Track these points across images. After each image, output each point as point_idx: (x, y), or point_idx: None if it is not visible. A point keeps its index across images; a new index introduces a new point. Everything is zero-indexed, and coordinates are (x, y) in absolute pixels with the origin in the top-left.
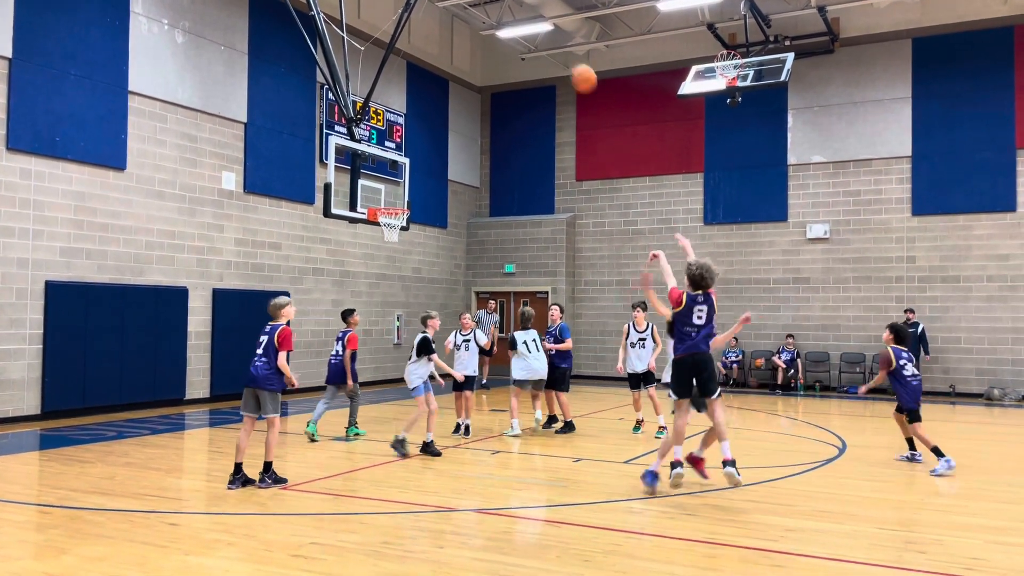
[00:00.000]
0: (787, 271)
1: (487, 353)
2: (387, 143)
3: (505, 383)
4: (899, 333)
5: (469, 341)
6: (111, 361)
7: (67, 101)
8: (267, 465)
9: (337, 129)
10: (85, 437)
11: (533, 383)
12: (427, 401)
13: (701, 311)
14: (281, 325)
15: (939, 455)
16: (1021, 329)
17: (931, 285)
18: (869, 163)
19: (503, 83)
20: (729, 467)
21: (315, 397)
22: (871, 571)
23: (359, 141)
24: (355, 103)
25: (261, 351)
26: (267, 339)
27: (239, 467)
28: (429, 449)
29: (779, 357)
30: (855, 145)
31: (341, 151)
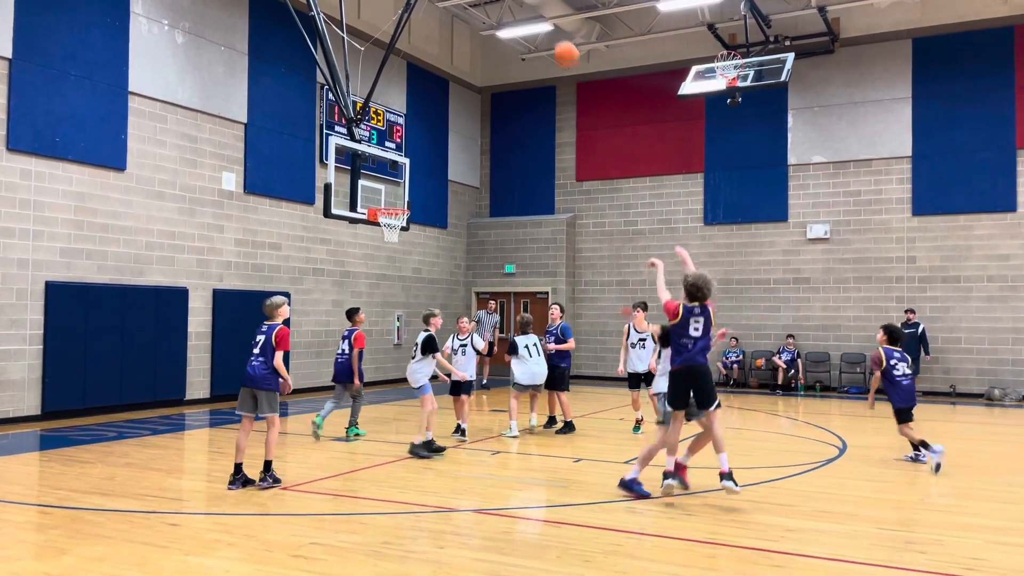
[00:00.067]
0: (787, 271)
1: (487, 354)
2: (387, 143)
3: (505, 383)
4: (893, 334)
5: (466, 346)
6: (111, 361)
7: (67, 101)
8: (267, 464)
9: (337, 129)
10: (85, 437)
11: (533, 386)
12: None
13: (698, 323)
14: (278, 325)
15: (926, 447)
16: (1021, 329)
17: (931, 285)
18: (869, 163)
19: (503, 83)
20: (727, 480)
21: (315, 397)
22: (871, 571)
23: (359, 141)
24: (355, 103)
25: (258, 351)
26: (264, 339)
27: (239, 467)
28: (430, 447)
29: (779, 357)
30: (855, 145)
31: (341, 151)
